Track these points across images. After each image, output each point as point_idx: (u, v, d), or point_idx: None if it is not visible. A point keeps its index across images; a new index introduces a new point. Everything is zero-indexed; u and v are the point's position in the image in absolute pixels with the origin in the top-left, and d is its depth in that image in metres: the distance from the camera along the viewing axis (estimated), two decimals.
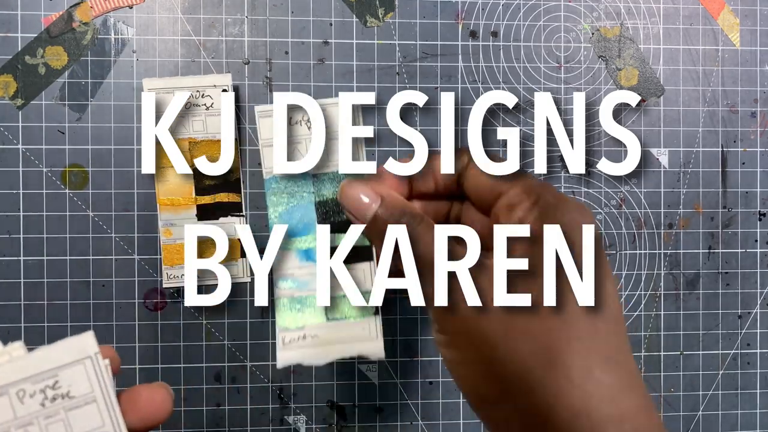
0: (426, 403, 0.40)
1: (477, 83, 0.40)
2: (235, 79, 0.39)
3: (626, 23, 0.41)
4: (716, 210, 0.42)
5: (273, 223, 0.31)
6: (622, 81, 0.41)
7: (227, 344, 0.39)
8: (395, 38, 0.40)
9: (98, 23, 0.39)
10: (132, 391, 0.21)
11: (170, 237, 0.38)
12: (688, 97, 0.42)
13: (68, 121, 0.38)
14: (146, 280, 0.39)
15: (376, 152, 0.40)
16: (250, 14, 0.39)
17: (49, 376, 0.19)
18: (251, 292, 0.39)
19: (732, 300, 0.42)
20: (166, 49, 0.39)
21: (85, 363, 0.20)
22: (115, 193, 0.39)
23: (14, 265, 0.38)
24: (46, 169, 0.38)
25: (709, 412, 0.42)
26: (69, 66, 0.38)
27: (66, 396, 0.19)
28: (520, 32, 0.41)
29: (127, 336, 0.39)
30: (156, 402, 0.21)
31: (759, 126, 0.42)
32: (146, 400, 0.21)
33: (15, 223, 0.38)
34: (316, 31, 0.40)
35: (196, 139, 0.38)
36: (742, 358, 0.42)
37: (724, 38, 0.42)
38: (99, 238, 0.38)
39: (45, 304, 0.38)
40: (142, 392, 0.21)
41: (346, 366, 0.40)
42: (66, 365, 0.20)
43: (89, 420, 0.19)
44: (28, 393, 0.19)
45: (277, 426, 0.40)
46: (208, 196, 0.38)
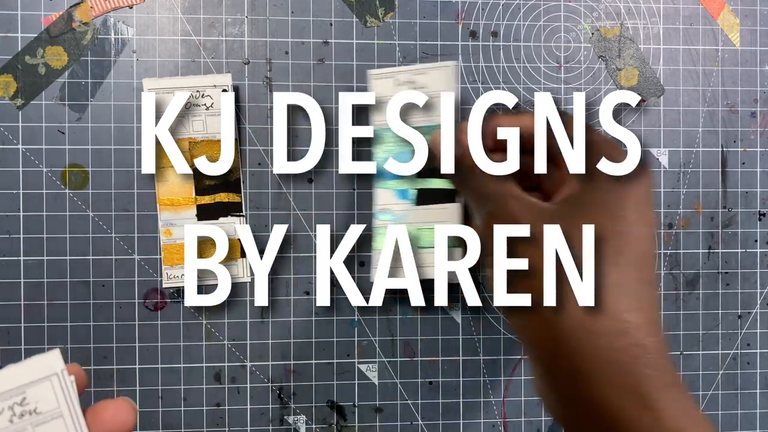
0: (426, 403, 0.40)
1: (477, 83, 0.40)
2: (235, 79, 0.39)
3: (626, 23, 0.41)
4: (716, 210, 0.42)
5: (381, 164, 0.37)
6: (622, 81, 0.41)
7: (227, 344, 0.39)
8: (395, 38, 0.40)
9: (98, 23, 0.39)
10: (97, 407, 0.22)
11: (170, 237, 0.38)
12: (688, 97, 0.42)
13: (68, 121, 0.38)
14: (146, 280, 0.39)
15: None
16: (250, 14, 0.39)
17: (17, 393, 0.20)
18: (251, 292, 0.39)
19: (732, 300, 0.42)
20: (166, 49, 0.39)
21: (51, 380, 0.20)
22: (115, 193, 0.39)
23: (14, 265, 0.38)
24: (46, 169, 0.38)
25: (709, 412, 0.42)
26: (69, 66, 0.38)
27: (33, 412, 0.20)
28: (520, 32, 0.41)
29: (127, 336, 0.39)
30: (120, 417, 0.21)
31: (759, 126, 0.42)
32: (111, 416, 0.21)
33: (15, 223, 0.38)
34: (316, 31, 0.40)
35: (196, 139, 0.38)
36: (742, 358, 0.42)
37: (724, 38, 0.42)
38: (99, 238, 0.39)
39: (45, 304, 0.38)
40: (107, 407, 0.22)
41: (346, 366, 0.40)
42: (33, 382, 0.20)
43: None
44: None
45: (277, 426, 0.40)
46: (208, 196, 0.39)
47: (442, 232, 0.39)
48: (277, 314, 0.39)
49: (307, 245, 0.39)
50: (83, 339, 0.38)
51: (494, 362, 0.41)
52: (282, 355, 0.39)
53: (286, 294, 0.39)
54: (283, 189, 0.39)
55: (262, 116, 0.39)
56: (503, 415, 0.41)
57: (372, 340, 0.40)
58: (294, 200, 0.39)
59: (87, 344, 0.38)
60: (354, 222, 0.39)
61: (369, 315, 0.40)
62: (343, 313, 0.40)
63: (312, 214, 0.39)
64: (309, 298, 0.40)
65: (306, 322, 0.40)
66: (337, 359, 0.40)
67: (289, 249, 0.39)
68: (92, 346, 0.38)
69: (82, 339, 0.38)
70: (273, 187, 0.39)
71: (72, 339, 0.38)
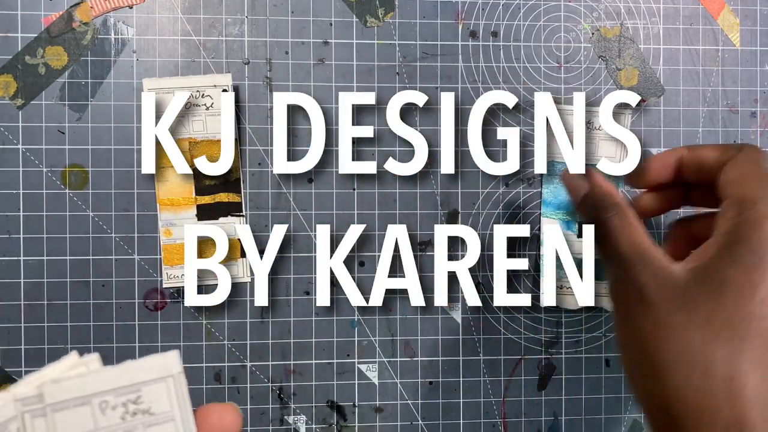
0: (426, 403, 0.40)
1: (477, 83, 0.40)
2: (235, 79, 0.39)
3: (626, 23, 0.41)
4: (716, 210, 0.42)
5: (547, 199, 0.40)
6: (622, 81, 0.41)
7: (227, 344, 0.39)
8: (395, 38, 0.40)
9: (98, 23, 0.39)
10: (203, 410, 0.21)
11: (170, 237, 0.38)
12: (688, 97, 0.42)
13: (68, 121, 0.38)
14: (146, 280, 0.39)
15: (376, 152, 0.40)
16: (250, 14, 0.39)
17: (132, 391, 0.19)
18: (251, 292, 0.39)
19: None
20: (166, 49, 0.39)
21: (167, 381, 0.20)
22: (115, 193, 0.39)
23: (14, 265, 0.38)
24: (46, 169, 0.38)
25: None
26: (69, 66, 0.38)
27: (147, 412, 0.19)
28: (520, 32, 0.41)
29: (127, 336, 0.39)
30: (226, 421, 0.21)
31: (759, 126, 0.42)
32: (217, 420, 0.21)
33: (15, 223, 0.38)
34: (316, 31, 0.40)
35: (196, 139, 0.38)
36: None
37: (724, 38, 0.42)
38: (99, 238, 0.39)
39: (45, 304, 0.38)
40: (213, 411, 0.21)
41: (346, 366, 0.40)
42: (149, 381, 0.19)
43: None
44: (110, 405, 0.19)
45: (277, 426, 0.40)
46: (208, 196, 0.39)
47: (442, 232, 0.39)
48: (277, 314, 0.39)
49: (307, 245, 0.39)
50: (83, 339, 0.38)
51: (494, 362, 0.41)
52: (282, 355, 0.39)
53: (286, 294, 0.39)
54: (283, 189, 0.39)
55: (262, 116, 0.39)
56: (503, 415, 0.41)
57: (372, 340, 0.40)
58: (294, 200, 0.39)
59: (87, 344, 0.38)
60: (354, 222, 0.39)
61: (369, 315, 0.40)
62: (343, 313, 0.40)
63: (312, 214, 0.39)
64: (309, 298, 0.40)
65: (306, 322, 0.40)
66: (337, 359, 0.40)
67: (289, 249, 0.39)
68: (92, 346, 0.38)
69: (82, 339, 0.38)
70: (273, 187, 0.39)
71: (72, 339, 0.38)
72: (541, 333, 0.41)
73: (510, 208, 0.41)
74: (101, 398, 0.19)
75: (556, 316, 0.41)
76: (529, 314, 0.41)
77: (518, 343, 0.41)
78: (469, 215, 0.40)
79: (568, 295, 0.39)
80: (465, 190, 0.40)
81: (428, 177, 0.40)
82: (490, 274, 0.40)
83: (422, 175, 0.40)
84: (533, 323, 0.41)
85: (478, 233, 0.39)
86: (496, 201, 0.40)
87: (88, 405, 0.19)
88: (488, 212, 0.40)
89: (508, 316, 0.41)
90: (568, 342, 0.41)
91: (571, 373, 0.41)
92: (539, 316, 0.41)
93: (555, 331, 0.41)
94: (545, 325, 0.41)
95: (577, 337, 0.41)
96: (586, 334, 0.41)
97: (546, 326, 0.41)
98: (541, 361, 0.41)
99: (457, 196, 0.40)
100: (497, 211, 0.40)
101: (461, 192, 0.40)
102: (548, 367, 0.41)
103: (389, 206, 0.40)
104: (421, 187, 0.40)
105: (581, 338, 0.41)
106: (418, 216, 0.40)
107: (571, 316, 0.41)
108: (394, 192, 0.40)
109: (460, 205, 0.40)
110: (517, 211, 0.41)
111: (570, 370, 0.41)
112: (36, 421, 0.19)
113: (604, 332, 0.41)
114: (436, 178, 0.40)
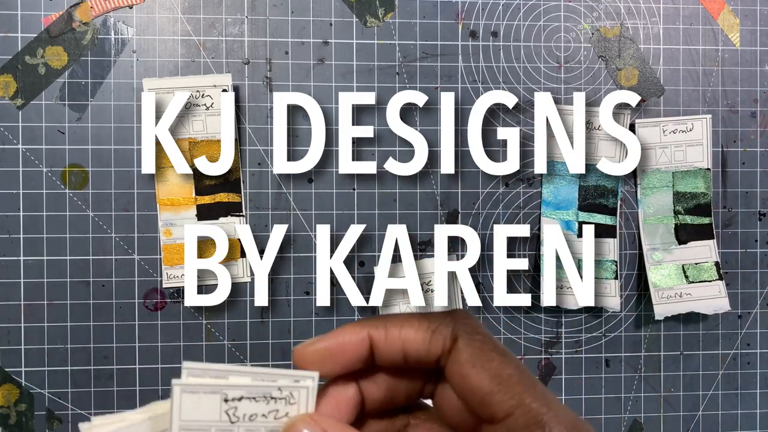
0: None
1: (477, 83, 0.40)
2: (235, 79, 0.39)
3: (626, 23, 0.41)
4: (716, 210, 0.42)
5: (547, 199, 0.40)
6: (622, 81, 0.41)
7: (227, 344, 0.39)
8: (395, 38, 0.40)
9: (98, 23, 0.39)
10: None
11: (170, 237, 0.38)
12: (688, 97, 0.42)
13: (68, 121, 0.38)
14: (146, 280, 0.39)
15: (376, 152, 0.40)
16: (250, 14, 0.39)
17: (265, 392, 0.19)
18: (251, 292, 0.39)
19: (732, 300, 0.42)
20: (166, 49, 0.39)
21: (304, 393, 0.19)
22: (115, 193, 0.39)
23: (14, 265, 0.38)
24: (46, 169, 0.38)
25: (709, 412, 0.42)
26: (69, 66, 0.38)
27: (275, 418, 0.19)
28: (520, 32, 0.41)
29: (127, 336, 0.39)
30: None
31: (759, 126, 0.42)
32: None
33: (15, 223, 0.38)
34: (316, 31, 0.40)
35: (196, 139, 0.38)
36: (742, 358, 0.42)
37: (724, 38, 0.42)
38: (99, 238, 0.38)
39: (45, 304, 0.38)
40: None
41: None
42: (286, 391, 0.19)
43: None
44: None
45: None
46: (208, 196, 0.38)
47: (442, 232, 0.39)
48: (277, 314, 0.39)
49: (307, 245, 0.39)
50: (83, 339, 0.38)
51: None
52: (282, 355, 0.39)
53: (286, 294, 0.39)
54: (283, 189, 0.39)
55: (262, 116, 0.39)
56: None
57: None
58: (294, 200, 0.39)
59: (87, 344, 0.38)
60: (354, 222, 0.39)
61: (369, 315, 0.40)
62: (343, 313, 0.40)
63: (312, 214, 0.39)
64: (309, 298, 0.40)
65: (306, 322, 0.40)
66: None
67: (289, 249, 0.39)
68: (92, 346, 0.38)
69: (82, 339, 0.38)
70: (273, 187, 0.39)
71: (72, 339, 0.38)
72: (541, 333, 0.41)
73: (510, 208, 0.41)
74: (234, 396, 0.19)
75: (556, 316, 0.41)
76: (528, 314, 0.41)
77: (518, 343, 0.41)
78: (469, 215, 0.40)
79: (568, 295, 0.39)
80: (465, 190, 0.40)
81: (428, 177, 0.40)
82: (490, 274, 0.40)
83: (422, 175, 0.40)
84: (533, 323, 0.41)
85: (478, 233, 0.39)
86: (496, 201, 0.40)
87: (218, 394, 0.19)
88: (488, 212, 0.40)
89: (508, 316, 0.41)
90: (568, 342, 0.41)
91: (571, 373, 0.41)
92: (539, 316, 0.41)
93: (555, 331, 0.41)
94: (545, 325, 0.41)
95: (577, 337, 0.41)
96: (586, 334, 0.41)
97: (546, 326, 0.41)
98: (541, 361, 0.41)
99: (457, 196, 0.40)
100: (497, 211, 0.40)
101: (461, 192, 0.40)
102: (548, 367, 0.41)
103: (389, 206, 0.40)
104: (421, 187, 0.40)
105: (581, 338, 0.41)
106: (418, 216, 0.40)
107: (571, 316, 0.41)
108: (394, 192, 0.40)
109: (460, 205, 0.40)
110: (517, 211, 0.41)
111: (570, 370, 0.41)
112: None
113: (604, 332, 0.41)
114: (436, 178, 0.40)
